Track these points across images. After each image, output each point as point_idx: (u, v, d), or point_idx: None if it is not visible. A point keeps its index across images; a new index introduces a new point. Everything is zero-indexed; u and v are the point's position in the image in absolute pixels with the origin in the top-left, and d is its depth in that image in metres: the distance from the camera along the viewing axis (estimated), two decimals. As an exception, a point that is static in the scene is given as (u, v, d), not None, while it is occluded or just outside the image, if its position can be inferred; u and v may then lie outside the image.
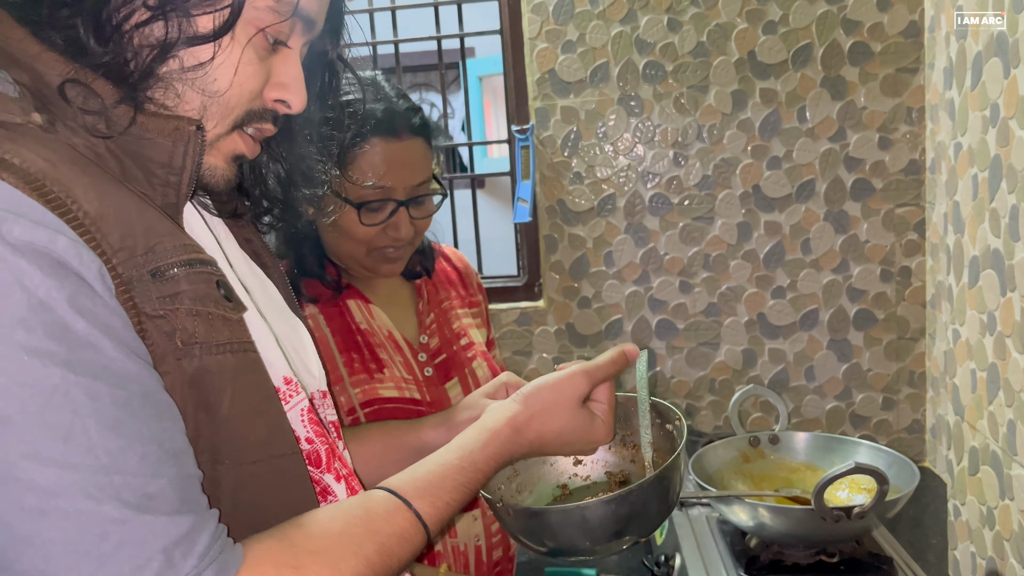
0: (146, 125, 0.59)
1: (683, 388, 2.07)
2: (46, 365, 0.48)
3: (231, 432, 0.59)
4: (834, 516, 1.19)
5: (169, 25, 0.58)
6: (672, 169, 1.99)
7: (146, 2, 0.57)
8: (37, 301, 0.48)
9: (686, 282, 2.03)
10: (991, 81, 1.29)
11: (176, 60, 0.59)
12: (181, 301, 0.57)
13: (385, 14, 2.16)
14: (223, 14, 0.59)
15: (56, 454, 0.48)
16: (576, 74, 1.97)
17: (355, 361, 1.15)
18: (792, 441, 1.51)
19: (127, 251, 0.55)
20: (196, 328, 0.57)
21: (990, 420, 1.35)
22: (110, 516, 0.49)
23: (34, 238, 0.49)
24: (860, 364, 2.01)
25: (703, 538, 1.41)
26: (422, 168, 1.14)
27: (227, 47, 0.60)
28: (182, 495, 0.53)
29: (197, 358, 0.57)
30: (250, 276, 0.76)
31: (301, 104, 0.67)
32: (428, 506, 0.68)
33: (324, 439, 0.71)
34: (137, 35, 0.58)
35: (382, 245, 1.14)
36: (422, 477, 0.70)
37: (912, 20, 1.85)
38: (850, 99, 1.90)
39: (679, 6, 1.91)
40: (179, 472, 0.53)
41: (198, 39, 0.59)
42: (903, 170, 1.91)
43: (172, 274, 0.57)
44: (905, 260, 1.95)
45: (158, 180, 0.61)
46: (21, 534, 0.48)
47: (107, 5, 0.57)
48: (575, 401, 0.81)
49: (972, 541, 1.46)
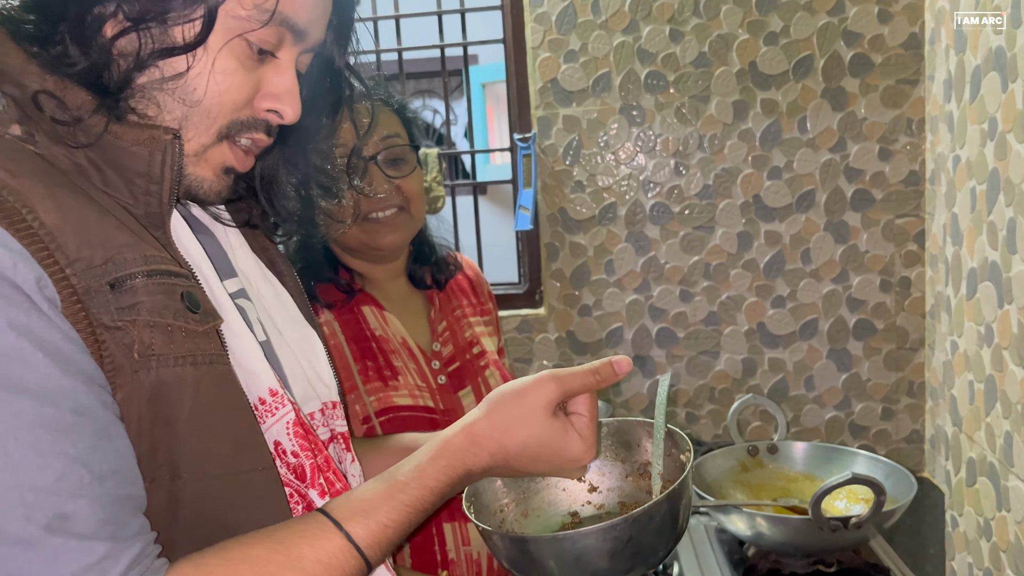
0: (121, 134, 0.59)
1: (683, 397, 2.08)
2: None
3: (191, 445, 0.58)
4: (831, 526, 1.20)
5: (144, 36, 0.58)
6: (673, 178, 2.00)
7: (124, 13, 0.58)
8: None
9: (686, 291, 2.03)
10: (989, 95, 1.30)
11: (156, 70, 0.59)
12: (138, 312, 0.56)
13: (389, 22, 2.18)
14: (197, 24, 0.59)
15: None
16: (578, 83, 1.98)
17: (369, 369, 1.15)
18: (791, 451, 1.51)
19: (84, 261, 0.54)
20: (154, 340, 0.56)
21: (987, 432, 1.36)
22: (16, 536, 0.48)
23: None
24: (859, 374, 2.01)
25: (701, 547, 1.41)
26: (384, 124, 1.15)
27: (202, 57, 0.60)
28: (103, 518, 0.51)
29: (154, 370, 0.56)
30: (263, 284, 0.75)
31: (295, 114, 0.66)
32: (361, 528, 0.62)
33: (310, 453, 0.68)
34: (116, 46, 0.58)
35: (368, 212, 1.14)
36: (360, 496, 0.65)
37: (912, 32, 1.86)
38: (850, 110, 1.91)
39: (681, 17, 1.92)
40: (104, 494, 0.51)
41: (173, 50, 0.59)
42: (903, 181, 1.92)
43: (130, 285, 0.56)
44: (905, 271, 1.96)
45: (139, 190, 0.61)
46: None
47: (88, 17, 0.57)
48: (542, 408, 0.70)
49: (969, 552, 1.46)
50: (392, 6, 2.16)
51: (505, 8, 2.03)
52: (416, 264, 1.28)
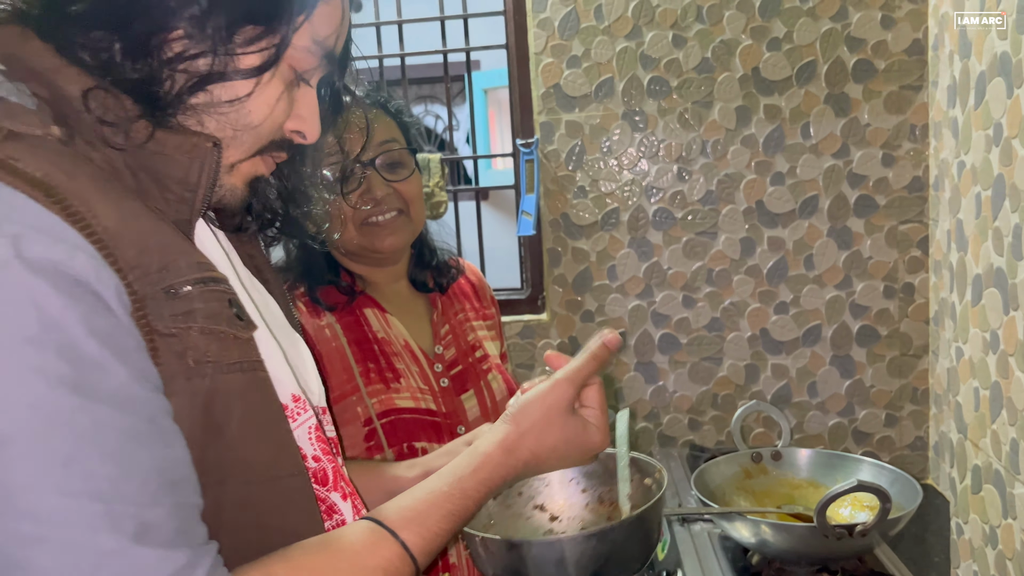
0: (164, 141, 0.59)
1: (685, 403, 2.07)
2: (53, 387, 0.47)
3: (238, 452, 0.59)
4: (836, 534, 1.19)
5: (212, 61, 0.58)
6: (676, 184, 1.99)
7: (190, 35, 0.57)
8: (50, 321, 0.48)
9: (689, 297, 2.03)
10: (994, 101, 1.30)
11: (208, 93, 0.59)
12: (194, 319, 0.56)
13: (392, 28, 2.18)
14: (267, 54, 0.59)
15: (56, 480, 0.47)
16: (581, 89, 1.98)
17: (371, 371, 1.15)
18: (795, 457, 1.50)
19: (142, 268, 0.54)
20: (209, 347, 0.57)
21: (993, 439, 1.35)
22: (106, 547, 0.48)
23: (52, 255, 0.49)
24: (863, 380, 2.00)
25: (705, 554, 1.40)
26: (382, 129, 1.16)
27: (266, 83, 0.61)
28: (179, 526, 0.52)
29: (208, 377, 0.56)
30: (255, 292, 0.76)
31: (316, 136, 0.67)
32: (415, 536, 0.65)
33: (331, 457, 0.70)
34: (178, 65, 0.58)
35: (367, 216, 1.15)
36: (409, 506, 0.68)
37: (916, 38, 1.86)
38: (854, 116, 1.91)
39: (684, 22, 1.92)
40: (177, 501, 0.52)
41: (239, 75, 0.59)
42: (906, 187, 1.92)
43: (186, 292, 0.56)
44: (908, 277, 1.95)
45: (173, 196, 0.61)
46: (16, 560, 0.47)
47: (150, 34, 0.57)
48: (564, 411, 0.77)
49: (975, 560, 1.45)
50: (395, 12, 2.16)
51: (508, 14, 2.03)
52: (417, 267, 1.28)
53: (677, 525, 1.48)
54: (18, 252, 0.48)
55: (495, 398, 1.24)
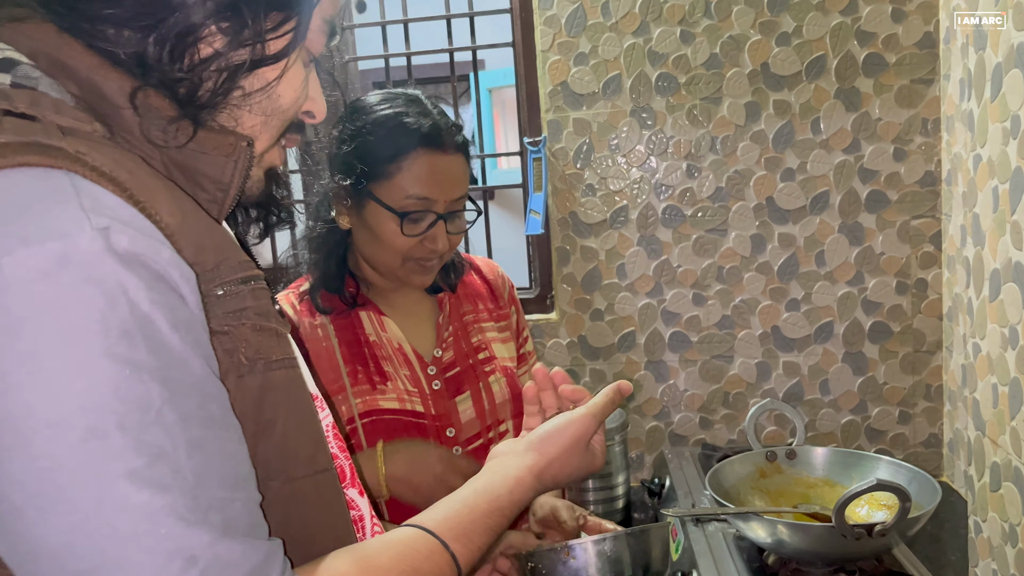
0: (204, 140, 0.59)
1: (697, 401, 2.05)
2: (144, 381, 0.47)
3: (285, 448, 0.59)
4: (855, 534, 1.17)
5: (243, 51, 0.58)
6: (685, 181, 1.98)
7: (222, 28, 0.57)
8: (141, 314, 0.47)
9: (699, 294, 2.01)
10: (1012, 92, 1.28)
11: (246, 82, 0.60)
12: (248, 316, 0.57)
13: (397, 26, 2.17)
14: (290, 37, 0.60)
15: (149, 474, 0.46)
16: (588, 86, 1.96)
17: (359, 372, 1.17)
18: (810, 456, 1.49)
19: (200, 265, 0.54)
20: (260, 344, 0.57)
21: (1012, 435, 1.33)
22: (199, 540, 0.48)
23: (139, 249, 0.48)
24: (876, 377, 1.99)
25: (720, 554, 1.39)
26: (461, 183, 1.17)
27: (290, 67, 0.62)
28: (253, 520, 0.52)
29: (260, 374, 0.57)
30: None
31: (323, 114, 0.69)
32: (463, 548, 0.68)
33: (347, 454, 0.72)
34: (213, 59, 0.58)
35: (417, 256, 1.16)
36: (454, 519, 0.70)
37: (927, 31, 1.84)
38: (864, 111, 1.89)
39: (692, 18, 1.90)
40: (249, 495, 0.53)
41: (268, 60, 0.60)
42: (918, 182, 1.90)
43: (236, 290, 0.56)
44: (921, 272, 1.93)
45: (206, 195, 0.61)
46: (111, 557, 0.46)
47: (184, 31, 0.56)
48: (585, 443, 0.85)
49: (994, 559, 1.43)
50: (401, 10, 2.15)
51: (514, 11, 2.02)
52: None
53: (691, 525, 1.47)
54: (108, 245, 0.47)
55: (494, 400, 1.24)
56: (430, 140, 1.13)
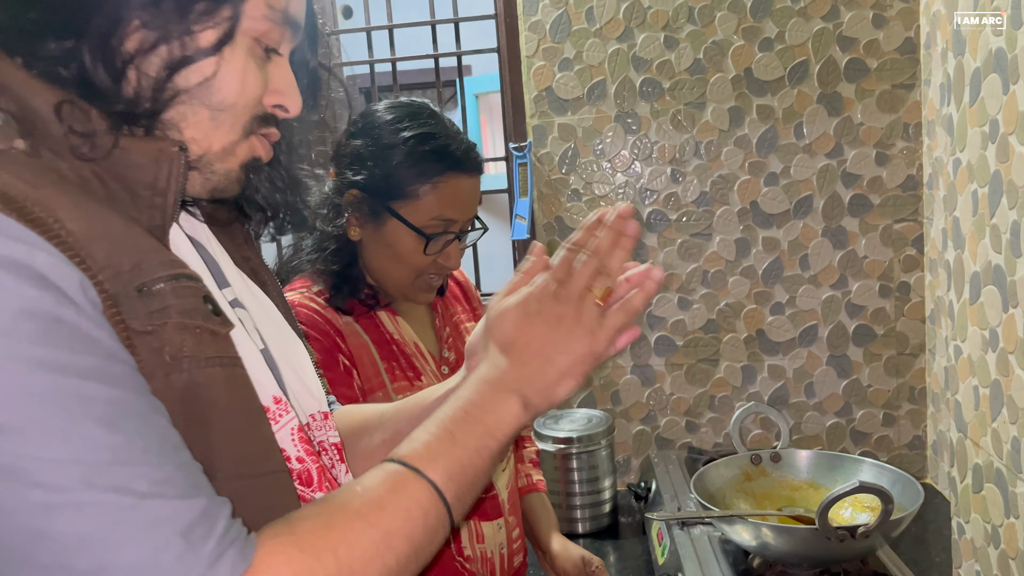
0: (129, 148, 0.59)
1: (683, 405, 2.06)
2: (34, 371, 0.48)
3: (225, 447, 0.59)
4: (839, 536, 1.18)
5: (171, 46, 0.59)
6: (670, 186, 1.99)
7: (147, 24, 0.58)
8: (21, 310, 0.49)
9: (685, 298, 2.02)
10: (990, 97, 1.29)
11: (183, 79, 0.60)
12: (169, 315, 0.56)
13: (382, 32, 2.17)
14: (223, 27, 0.60)
15: (58, 453, 0.48)
16: (573, 91, 1.97)
17: (396, 369, 1.18)
18: (794, 459, 1.49)
19: (113, 268, 0.55)
20: (185, 342, 0.57)
21: (994, 437, 1.34)
22: (119, 504, 0.49)
23: (13, 252, 0.50)
24: (860, 380, 2.00)
25: (705, 558, 1.39)
26: (476, 199, 1.20)
27: (230, 59, 0.61)
28: (191, 480, 0.52)
29: (187, 372, 0.57)
30: (247, 294, 0.75)
31: (298, 107, 0.68)
32: (442, 474, 0.61)
33: (315, 458, 0.70)
34: (141, 60, 0.59)
35: (431, 273, 1.18)
36: (427, 442, 0.63)
37: (908, 37, 1.85)
38: (847, 115, 1.90)
39: (676, 24, 1.91)
40: (182, 460, 0.53)
41: (201, 53, 0.60)
42: (900, 186, 1.91)
43: (159, 289, 0.57)
44: (904, 275, 1.95)
45: (144, 202, 0.61)
46: (35, 530, 0.48)
47: (112, 33, 0.57)
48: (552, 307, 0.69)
49: (977, 560, 1.44)
50: (385, 16, 2.15)
51: (499, 17, 2.02)
52: None
53: (677, 529, 1.47)
54: None
55: None
56: (460, 164, 1.15)
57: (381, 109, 1.21)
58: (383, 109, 1.21)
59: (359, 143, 1.17)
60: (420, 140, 1.15)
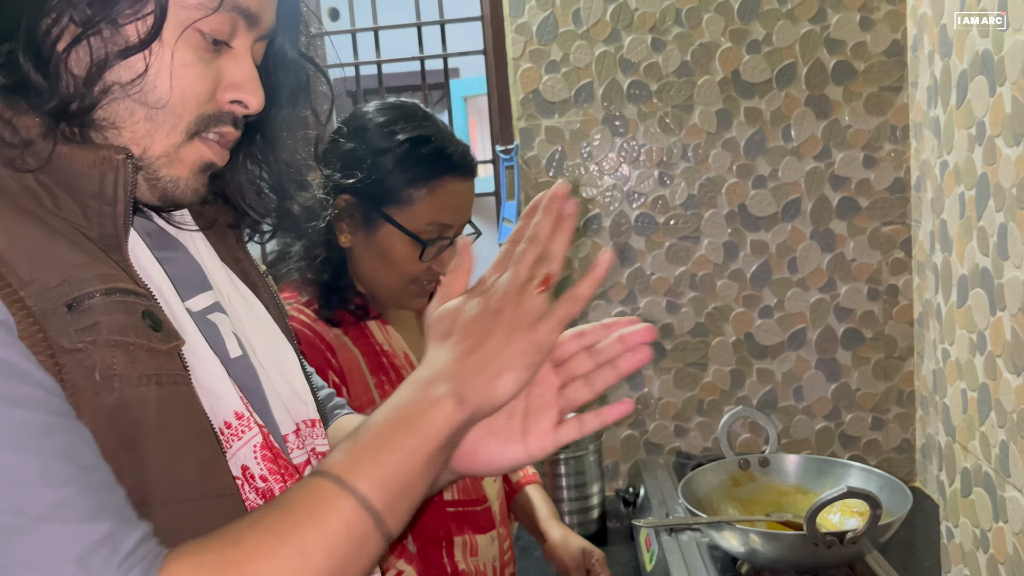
0: (71, 156, 0.57)
1: (671, 409, 2.05)
2: None
3: (158, 470, 0.56)
4: (827, 542, 1.17)
5: (97, 41, 0.57)
6: (657, 189, 1.98)
7: (74, 21, 0.56)
8: None
9: (673, 302, 2.01)
10: (976, 99, 1.29)
11: (113, 75, 0.58)
12: (99, 332, 0.54)
13: (368, 35, 2.15)
14: (149, 19, 0.57)
15: None
16: (560, 94, 1.96)
17: (385, 383, 1.15)
18: (782, 463, 1.49)
19: (38, 284, 0.53)
20: (115, 359, 0.54)
21: (982, 441, 1.33)
22: (11, 526, 0.47)
23: None
24: (849, 383, 1.99)
25: (693, 564, 1.38)
26: (471, 202, 1.18)
27: (159, 53, 0.59)
28: (99, 503, 0.49)
29: (116, 391, 0.54)
30: (235, 297, 0.73)
31: (258, 103, 0.65)
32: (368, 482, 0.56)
33: (279, 477, 0.66)
34: (69, 58, 0.57)
35: (424, 279, 1.15)
36: (351, 449, 0.58)
37: (895, 39, 1.85)
38: (834, 118, 1.90)
39: (663, 26, 1.91)
40: (94, 483, 0.50)
41: (128, 50, 0.57)
42: (888, 188, 1.91)
43: (88, 305, 0.54)
44: (892, 278, 1.94)
45: (92, 212, 0.59)
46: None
47: (37, 33, 0.56)
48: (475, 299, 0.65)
49: (966, 564, 1.44)
50: (371, 18, 2.14)
51: (485, 19, 2.01)
52: None
53: (665, 535, 1.46)
54: None
55: None
56: (456, 167, 1.13)
57: (372, 111, 1.18)
58: (374, 111, 1.17)
59: (349, 146, 1.13)
60: (416, 143, 1.12)
